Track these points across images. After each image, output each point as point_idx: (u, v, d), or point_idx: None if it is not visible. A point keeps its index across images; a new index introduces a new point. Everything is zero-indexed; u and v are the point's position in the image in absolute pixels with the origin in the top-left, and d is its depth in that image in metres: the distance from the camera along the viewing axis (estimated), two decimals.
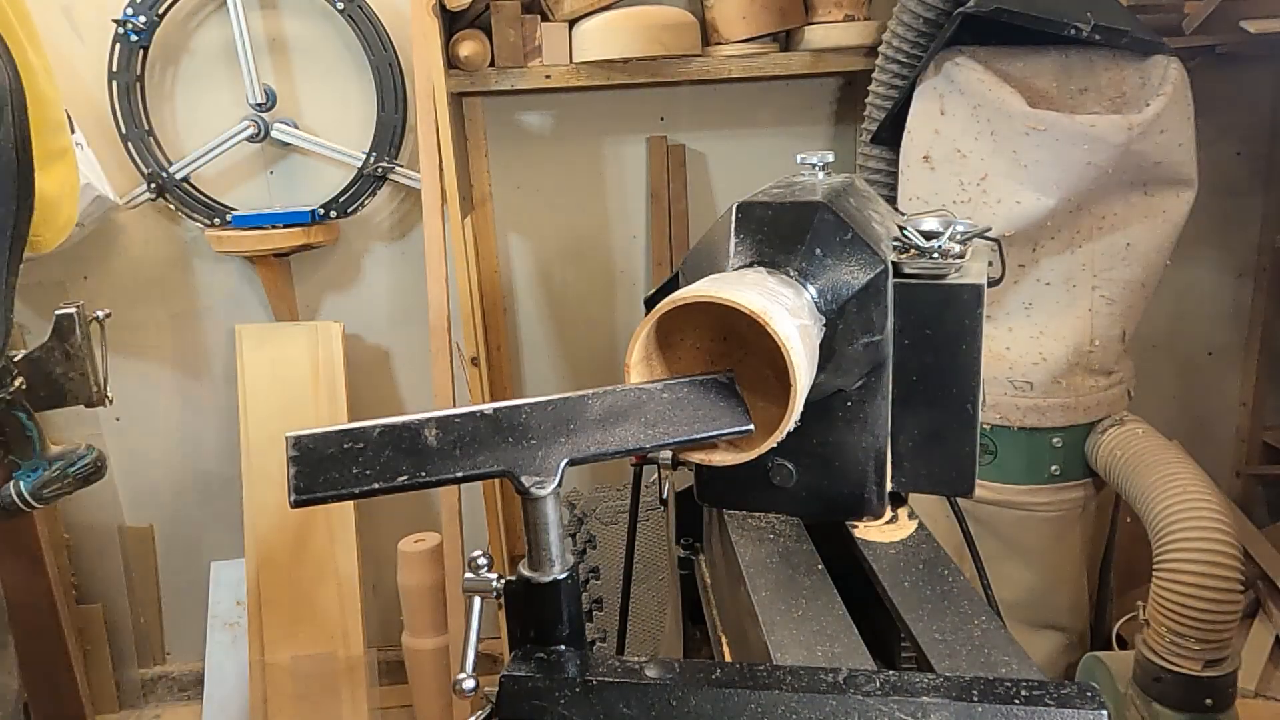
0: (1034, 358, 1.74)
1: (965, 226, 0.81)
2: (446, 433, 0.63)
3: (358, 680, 2.19)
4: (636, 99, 2.26)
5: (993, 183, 1.66)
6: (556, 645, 0.62)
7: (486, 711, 0.60)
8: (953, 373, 0.79)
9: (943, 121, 1.71)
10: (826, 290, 0.75)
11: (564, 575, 0.63)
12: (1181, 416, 2.47)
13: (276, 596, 2.19)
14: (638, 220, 2.34)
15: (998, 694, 0.53)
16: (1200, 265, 2.38)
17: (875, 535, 0.81)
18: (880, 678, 0.56)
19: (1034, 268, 1.72)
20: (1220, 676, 1.50)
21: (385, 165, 2.17)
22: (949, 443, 0.81)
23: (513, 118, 2.28)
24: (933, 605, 0.70)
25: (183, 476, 2.42)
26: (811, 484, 0.82)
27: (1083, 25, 1.61)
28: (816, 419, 0.78)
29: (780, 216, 0.77)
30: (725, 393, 0.70)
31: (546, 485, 0.62)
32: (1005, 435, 1.78)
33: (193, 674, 2.49)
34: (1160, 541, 1.54)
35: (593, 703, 0.57)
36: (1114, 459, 1.70)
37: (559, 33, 2.04)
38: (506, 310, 2.38)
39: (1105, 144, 1.59)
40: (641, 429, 0.66)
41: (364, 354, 2.37)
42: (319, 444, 0.63)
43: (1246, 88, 2.27)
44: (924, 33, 1.80)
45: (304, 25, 2.18)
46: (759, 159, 2.31)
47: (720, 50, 2.07)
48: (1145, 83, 1.67)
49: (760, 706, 0.55)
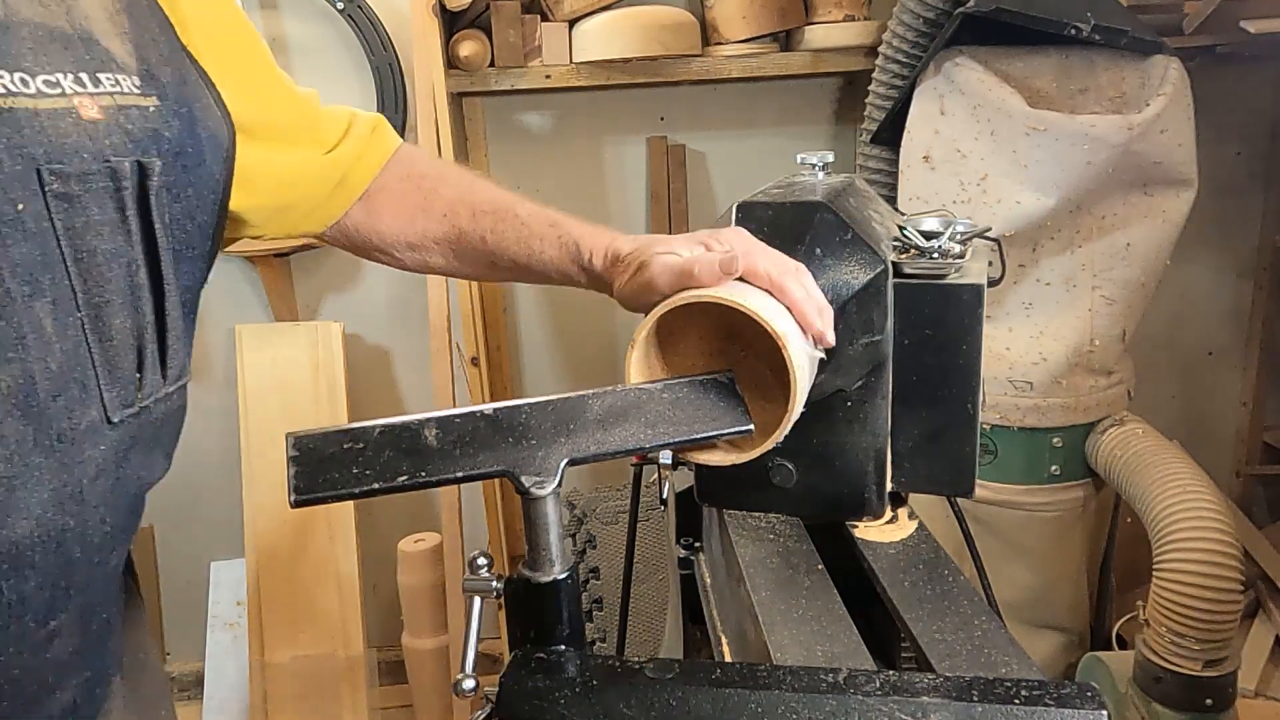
0: (1034, 358, 1.74)
1: (965, 226, 0.81)
2: (446, 433, 0.63)
3: (358, 680, 2.19)
4: (636, 99, 2.26)
5: (993, 183, 1.66)
6: (556, 645, 0.62)
7: (486, 711, 0.60)
8: (953, 373, 0.79)
9: (943, 121, 1.71)
10: (826, 290, 0.75)
11: (564, 575, 0.63)
12: (1181, 416, 2.47)
13: (276, 596, 2.19)
14: (638, 220, 2.34)
15: (998, 694, 0.53)
16: (1200, 265, 2.38)
17: (875, 535, 0.81)
18: (880, 678, 0.56)
19: (1034, 268, 1.72)
20: (1220, 676, 1.50)
21: None
22: (949, 443, 0.81)
23: (513, 118, 2.28)
24: (933, 605, 0.70)
25: (183, 476, 2.41)
26: (811, 484, 0.82)
27: (1083, 25, 1.61)
28: (816, 419, 0.78)
29: (780, 216, 0.77)
30: (725, 393, 0.70)
31: (546, 485, 0.62)
32: (1005, 435, 1.78)
33: (193, 674, 2.49)
34: (1160, 541, 1.54)
35: (593, 703, 0.57)
36: (1114, 459, 1.70)
37: (559, 33, 2.04)
38: (506, 310, 2.38)
39: (1105, 144, 1.59)
40: (641, 429, 0.66)
41: (364, 354, 2.37)
42: (319, 444, 0.63)
43: (1246, 88, 2.27)
44: (924, 33, 1.80)
45: (304, 25, 2.18)
46: (759, 159, 2.31)
47: (720, 50, 2.07)
48: (1145, 83, 1.67)
49: (760, 706, 0.55)
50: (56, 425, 0.62)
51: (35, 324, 0.60)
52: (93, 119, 0.63)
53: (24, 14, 0.62)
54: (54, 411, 0.62)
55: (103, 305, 0.64)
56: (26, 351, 0.60)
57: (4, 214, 0.58)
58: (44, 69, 0.61)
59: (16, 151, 0.59)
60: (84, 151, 0.62)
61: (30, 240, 0.60)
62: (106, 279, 0.64)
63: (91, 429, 0.64)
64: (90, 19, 0.66)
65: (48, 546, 0.62)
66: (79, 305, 0.63)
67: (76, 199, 0.62)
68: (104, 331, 0.65)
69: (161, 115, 0.69)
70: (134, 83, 0.67)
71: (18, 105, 0.60)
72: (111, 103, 0.65)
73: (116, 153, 0.64)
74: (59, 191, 0.61)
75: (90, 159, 0.63)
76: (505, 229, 0.91)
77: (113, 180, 0.64)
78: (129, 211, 0.66)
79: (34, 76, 0.61)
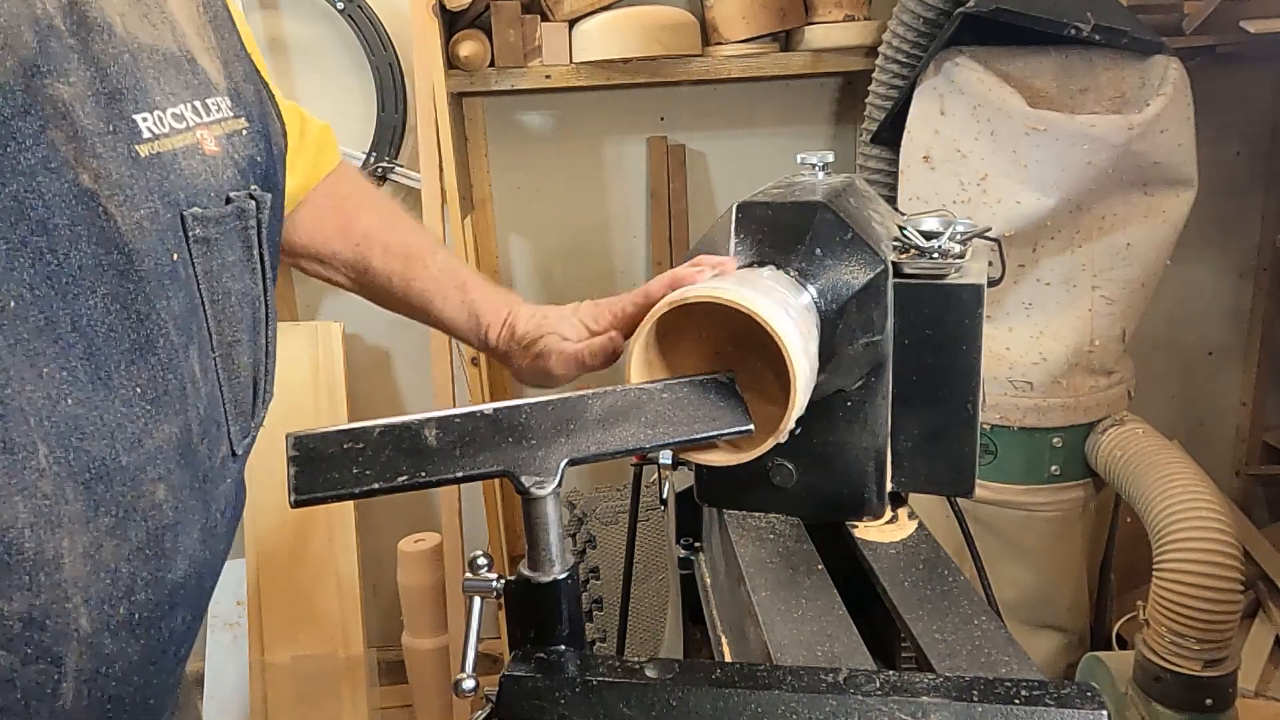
0: (1034, 358, 1.74)
1: (965, 226, 0.81)
2: (446, 433, 0.63)
3: (358, 680, 2.19)
4: (636, 99, 2.26)
5: (993, 183, 1.67)
6: (556, 645, 0.62)
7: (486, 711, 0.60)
8: (953, 373, 0.79)
9: (943, 121, 1.71)
10: (826, 290, 0.75)
11: (564, 575, 0.63)
12: (1181, 416, 2.47)
13: (276, 596, 2.19)
14: (638, 220, 2.34)
15: (998, 694, 0.53)
16: (1200, 265, 2.38)
17: (875, 535, 0.81)
18: (880, 678, 0.56)
19: (1034, 268, 1.72)
20: (1220, 676, 1.50)
21: (385, 165, 2.17)
22: (949, 443, 0.81)
23: (513, 118, 2.28)
24: (933, 605, 0.70)
25: None
26: (811, 484, 0.82)
27: (1083, 25, 1.61)
28: (816, 419, 0.78)
29: (780, 216, 0.77)
30: (725, 393, 0.70)
31: (546, 485, 0.62)
32: (1005, 435, 1.78)
33: (193, 674, 2.49)
34: (1160, 541, 1.54)
35: (593, 703, 0.57)
36: (1114, 459, 1.70)
37: (559, 33, 2.04)
38: None
39: (1105, 144, 1.59)
40: (641, 429, 0.66)
41: (364, 354, 2.37)
42: (319, 444, 0.63)
43: (1246, 88, 2.27)
44: (924, 33, 1.80)
45: (304, 25, 2.18)
46: (759, 159, 2.31)
47: (720, 50, 2.07)
48: (1145, 83, 1.67)
49: (760, 706, 0.55)
50: (203, 467, 0.64)
51: (190, 372, 0.61)
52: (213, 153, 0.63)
53: (142, 39, 0.60)
54: (202, 454, 0.64)
55: (234, 345, 0.66)
56: (186, 400, 0.61)
57: (163, 265, 0.58)
58: (170, 101, 0.61)
59: (168, 199, 0.59)
60: (212, 190, 0.62)
61: (183, 289, 0.60)
62: (238, 319, 0.66)
63: (224, 464, 0.67)
64: (187, 36, 0.65)
65: (192, 582, 0.64)
66: (214, 347, 0.64)
67: (214, 242, 0.62)
68: (233, 370, 0.67)
69: (252, 138, 0.69)
70: (227, 104, 0.67)
71: (163, 150, 0.59)
72: (222, 131, 0.65)
73: (234, 187, 0.64)
74: (200, 236, 0.61)
75: (218, 198, 0.63)
76: (412, 277, 0.90)
77: (240, 219, 0.65)
78: (254, 251, 0.66)
79: (165, 112, 0.60)
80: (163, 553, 0.61)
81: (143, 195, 0.57)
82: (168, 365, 0.59)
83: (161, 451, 0.59)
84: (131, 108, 0.57)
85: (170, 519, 0.61)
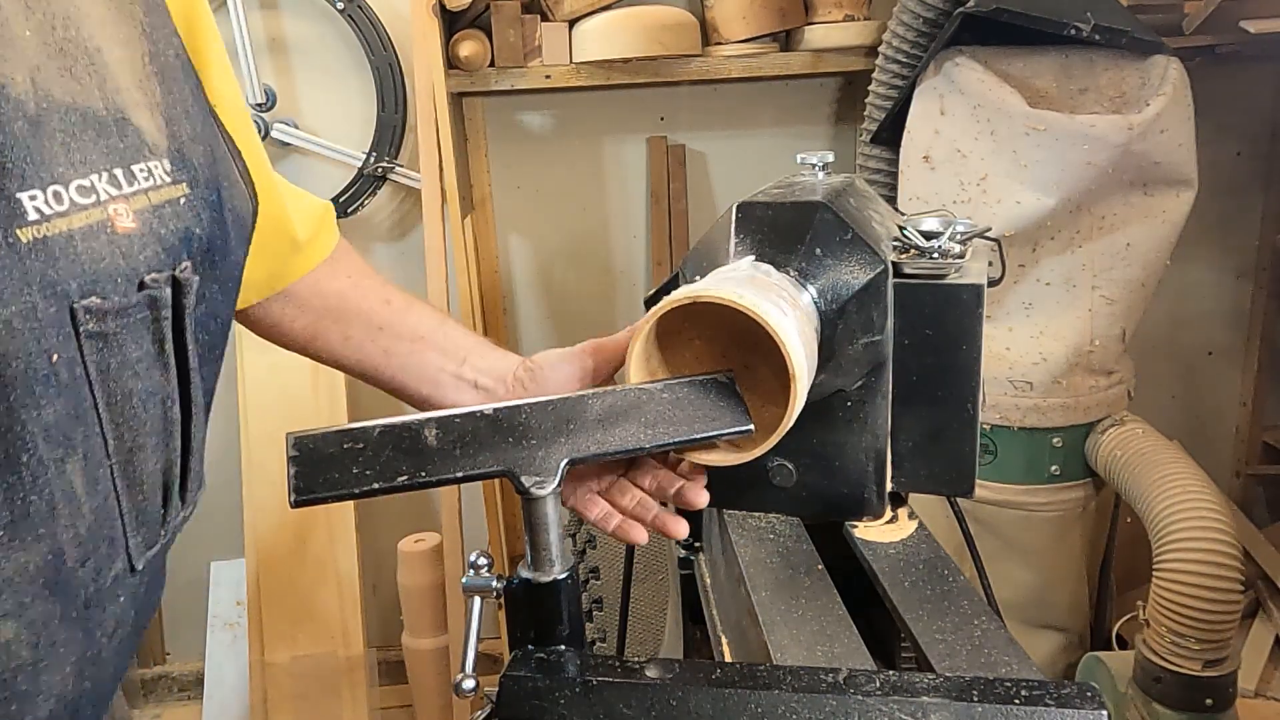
0: (1034, 358, 1.74)
1: (965, 226, 0.81)
2: (446, 433, 0.63)
3: (358, 680, 2.19)
4: (636, 99, 2.26)
5: (993, 183, 1.66)
6: (556, 645, 0.62)
7: (486, 712, 0.60)
8: (953, 373, 0.79)
9: (943, 121, 1.71)
10: (826, 290, 0.75)
11: (564, 575, 0.63)
12: (1181, 416, 2.47)
13: (276, 596, 2.19)
14: (638, 220, 2.34)
15: (998, 694, 0.53)
16: (1200, 265, 2.38)
17: (875, 535, 0.81)
18: (880, 678, 0.56)
19: (1034, 268, 1.72)
20: (1220, 676, 1.50)
21: (385, 165, 2.17)
22: (949, 443, 0.81)
23: (513, 118, 2.28)
24: (933, 605, 0.70)
25: None
26: (811, 484, 0.82)
27: (1083, 25, 1.61)
28: (816, 419, 0.78)
29: (780, 216, 0.77)
30: (725, 393, 0.70)
31: (546, 485, 0.62)
32: (1005, 435, 1.78)
33: (193, 674, 2.49)
34: (1160, 541, 1.54)
35: (593, 703, 0.57)
36: (1114, 459, 1.70)
37: (559, 33, 2.04)
38: (506, 310, 2.37)
39: (1105, 144, 1.59)
40: (641, 429, 0.66)
41: None
42: (319, 444, 0.63)
43: (1246, 88, 2.27)
44: (924, 33, 1.80)
45: (304, 25, 2.18)
46: (759, 159, 2.31)
47: (720, 50, 2.07)
48: (1145, 83, 1.67)
49: (760, 706, 0.55)
50: (84, 593, 0.55)
51: (66, 489, 0.52)
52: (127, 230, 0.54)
53: (56, 95, 0.53)
54: (81, 578, 0.55)
55: (135, 451, 0.57)
56: (56, 523, 0.52)
57: (37, 370, 0.50)
58: (77, 171, 0.52)
59: (50, 290, 0.50)
60: (118, 276, 0.54)
61: (64, 395, 0.52)
62: (141, 421, 0.57)
63: (115, 583, 0.58)
64: (121, 90, 0.57)
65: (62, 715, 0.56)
66: (109, 454, 0.55)
67: (112, 338, 0.54)
68: (134, 478, 0.57)
69: (192, 206, 0.60)
70: (164, 169, 0.59)
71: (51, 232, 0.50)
72: (145, 203, 0.56)
73: (151, 267, 0.56)
74: (94, 331, 0.52)
75: (125, 284, 0.54)
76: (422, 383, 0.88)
77: (151, 310, 0.56)
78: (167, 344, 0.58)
79: (68, 185, 0.52)
80: (14, 697, 0.52)
81: (16, 289, 0.48)
82: (30, 485, 0.50)
83: (10, 584, 0.50)
84: (16, 185, 0.49)
85: (26, 658, 0.52)
